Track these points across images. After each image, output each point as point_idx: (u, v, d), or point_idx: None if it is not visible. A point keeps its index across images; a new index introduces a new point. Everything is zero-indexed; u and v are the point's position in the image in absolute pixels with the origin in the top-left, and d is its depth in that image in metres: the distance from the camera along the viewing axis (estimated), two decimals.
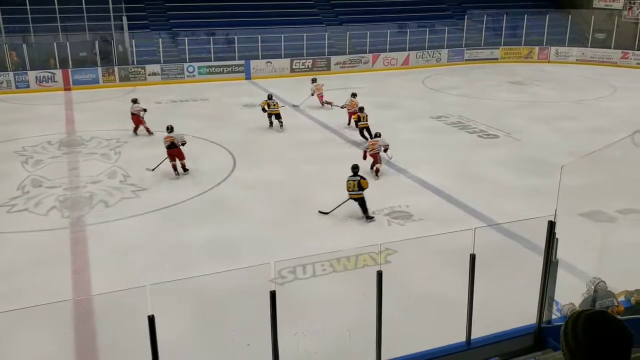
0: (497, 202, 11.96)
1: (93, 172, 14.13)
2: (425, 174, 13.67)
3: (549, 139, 16.72)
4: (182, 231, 10.77)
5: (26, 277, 9.08)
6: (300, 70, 28.61)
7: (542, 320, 5.97)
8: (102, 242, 10.48)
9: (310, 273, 9.06)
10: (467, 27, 32.91)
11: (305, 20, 31.27)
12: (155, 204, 12.02)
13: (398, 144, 16.11)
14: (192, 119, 19.47)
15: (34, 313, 7.26)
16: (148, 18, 29.58)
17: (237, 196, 12.51)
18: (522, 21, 32.01)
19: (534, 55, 31.99)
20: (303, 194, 12.58)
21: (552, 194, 5.90)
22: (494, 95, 23.20)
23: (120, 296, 7.09)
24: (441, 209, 11.76)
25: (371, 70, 29.44)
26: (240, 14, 30.16)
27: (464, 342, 5.80)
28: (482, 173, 13.86)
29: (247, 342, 7.20)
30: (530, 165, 14.31)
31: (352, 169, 11.64)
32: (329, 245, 9.76)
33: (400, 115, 19.76)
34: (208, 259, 9.54)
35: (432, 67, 30.74)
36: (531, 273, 6.16)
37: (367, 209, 11.32)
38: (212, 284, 8.46)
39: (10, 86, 24.35)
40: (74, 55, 26.10)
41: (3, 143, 16.72)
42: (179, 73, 26.77)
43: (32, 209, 11.93)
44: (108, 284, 8.68)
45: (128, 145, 16.31)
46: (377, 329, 5.32)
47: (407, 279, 8.66)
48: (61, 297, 8.40)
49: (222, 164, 14.66)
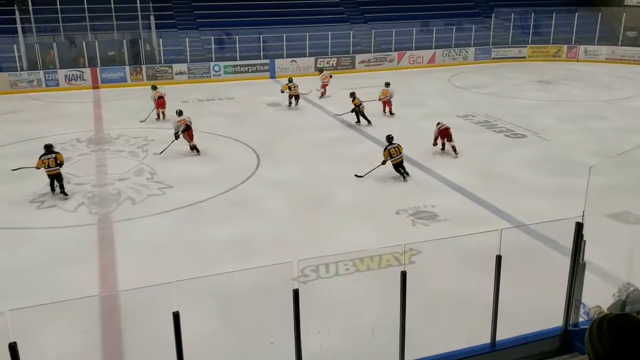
0: (524, 202, 11.81)
1: (120, 169, 14.33)
2: (451, 174, 13.56)
3: (577, 138, 16.45)
4: (206, 229, 10.86)
5: (54, 272, 9.25)
6: (325, 68, 28.59)
7: (569, 323, 5.88)
8: (129, 238, 10.62)
9: (333, 272, 9.06)
10: (495, 25, 32.56)
11: (331, 18, 31.27)
12: (180, 202, 12.14)
13: (423, 143, 16.02)
14: (217, 118, 19.64)
15: (62, 308, 7.40)
16: (175, 17, 29.90)
17: (261, 194, 12.57)
18: (550, 19, 31.55)
19: (563, 54, 31.50)
20: (326, 192, 12.58)
21: (579, 194, 5.81)
22: (521, 94, 22.91)
23: (146, 292, 7.19)
24: (467, 209, 11.65)
25: (396, 69, 29.30)
26: (265, 13, 30.29)
27: (488, 343, 5.74)
28: (508, 173, 13.69)
29: (270, 340, 7.23)
30: (557, 166, 14.10)
31: (390, 139, 13.51)
32: (352, 244, 9.74)
33: (425, 114, 19.62)
34: (231, 257, 9.60)
35: (458, 65, 30.49)
36: (557, 275, 6.08)
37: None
38: (235, 282, 8.52)
39: (40, 84, 24.84)
40: (102, 54, 26.52)
41: (33, 140, 17.03)
42: (205, 72, 27.00)
43: (61, 205, 12.14)
44: (134, 280, 8.80)
45: (155, 143, 16.49)
46: (400, 329, 5.29)
47: (431, 279, 8.61)
48: (88, 292, 8.55)
49: (247, 162, 14.74)
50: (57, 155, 12.46)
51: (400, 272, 5.13)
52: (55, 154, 12.47)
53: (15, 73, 24.69)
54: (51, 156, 12.39)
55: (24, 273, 9.21)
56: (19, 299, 8.12)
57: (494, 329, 5.68)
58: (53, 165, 12.34)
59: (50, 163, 12.33)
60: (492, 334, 5.70)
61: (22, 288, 8.71)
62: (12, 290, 8.67)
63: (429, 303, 7.97)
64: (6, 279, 9.03)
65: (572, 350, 5.70)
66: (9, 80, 24.40)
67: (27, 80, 24.71)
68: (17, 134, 17.78)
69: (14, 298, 8.23)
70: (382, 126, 17.83)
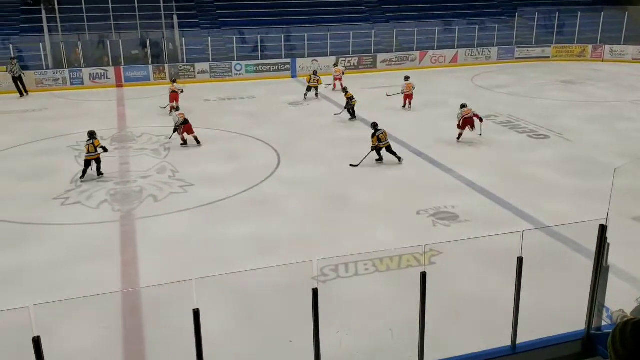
0: (546, 204, 11.68)
1: (143, 167, 14.49)
2: (472, 174, 13.46)
3: (601, 140, 16.21)
4: (226, 227, 10.93)
5: (77, 268, 9.38)
6: (346, 68, 28.59)
7: (592, 327, 5.80)
8: (151, 235, 10.73)
9: (352, 272, 9.05)
10: (518, 24, 32.25)
11: (353, 18, 31.24)
12: (202, 200, 12.23)
13: (444, 142, 15.96)
14: (238, 117, 19.75)
15: (84, 304, 7.51)
16: (198, 17, 30.14)
17: (280, 193, 12.60)
18: (575, 19, 31.14)
19: (587, 54, 31.07)
20: (346, 192, 12.58)
21: (603, 196, 5.73)
22: (544, 95, 22.65)
23: (167, 289, 7.26)
24: (488, 210, 11.55)
25: (418, 68, 29.17)
26: (287, 12, 30.37)
27: (509, 346, 5.68)
28: (531, 174, 13.54)
29: (289, 338, 7.25)
30: (581, 167, 13.92)
31: (375, 125, 14.42)
32: (371, 244, 9.73)
33: (447, 114, 19.48)
34: (251, 255, 9.65)
35: (481, 65, 30.25)
36: (580, 277, 5.99)
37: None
38: (255, 280, 8.56)
39: (65, 83, 25.22)
40: (126, 53, 26.83)
41: (58, 138, 17.32)
42: (227, 71, 27.17)
43: (84, 202, 12.31)
44: (155, 277, 8.90)
45: (177, 142, 16.65)
46: (420, 330, 5.26)
47: (451, 280, 8.55)
48: (110, 288, 8.66)
49: (267, 161, 14.79)
50: (94, 142, 13.72)
51: (420, 273, 5.10)
52: (93, 140, 13.72)
53: (41, 71, 25.10)
54: (91, 142, 13.70)
55: (47, 269, 9.36)
56: (42, 294, 8.27)
57: (514, 331, 5.62)
58: (92, 151, 13.64)
59: (90, 148, 13.63)
60: (512, 337, 5.64)
61: (45, 283, 8.85)
62: (36, 285, 8.82)
63: (449, 304, 7.92)
64: (30, 275, 9.19)
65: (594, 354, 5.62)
66: (35, 79, 24.82)
67: (52, 79, 25.10)
68: (43, 131, 18.08)
69: (38, 293, 8.37)
70: (403, 125, 17.79)
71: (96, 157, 13.71)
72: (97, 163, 13.78)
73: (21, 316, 3.54)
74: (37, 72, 24.96)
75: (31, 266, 9.46)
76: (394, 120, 18.59)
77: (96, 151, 13.69)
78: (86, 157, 13.65)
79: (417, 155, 15.13)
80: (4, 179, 13.84)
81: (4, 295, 8.47)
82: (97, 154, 13.70)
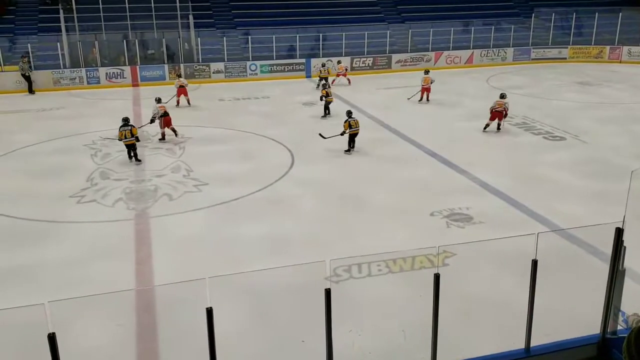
0: (561, 206, 11.58)
1: (158, 166, 14.58)
2: (486, 176, 13.38)
3: (618, 142, 16.04)
4: (240, 226, 10.96)
5: (92, 265, 9.46)
6: (361, 68, 28.57)
7: (607, 331, 5.74)
8: (165, 234, 10.79)
9: (365, 272, 9.04)
10: (535, 25, 32.00)
11: (368, 18, 31.20)
12: (216, 199, 12.28)
13: (459, 143, 15.88)
14: (253, 117, 19.80)
15: (98, 301, 7.57)
16: (214, 17, 30.26)
17: (294, 193, 12.62)
18: (592, 19, 30.82)
19: (605, 55, 30.74)
20: (359, 192, 12.56)
21: (620, 199, 5.67)
22: (561, 96, 22.46)
23: (180, 287, 7.30)
24: (502, 212, 11.48)
25: (433, 69, 28.97)
26: (302, 12, 30.40)
27: (522, 349, 5.64)
28: (546, 176, 13.44)
29: (302, 338, 7.26)
30: (597, 169, 13.78)
31: (349, 113, 15.38)
32: (384, 245, 9.70)
33: (462, 115, 19.43)
34: (264, 255, 9.67)
35: (497, 65, 30.07)
36: (595, 280, 5.94)
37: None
38: (267, 279, 8.58)
39: (82, 82, 25.47)
40: (142, 52, 27.04)
41: (75, 136, 17.49)
42: (242, 71, 27.25)
43: (99, 200, 12.42)
44: (169, 275, 8.96)
45: (192, 141, 16.74)
46: (432, 331, 5.24)
47: (465, 282, 8.51)
48: (124, 286, 8.72)
49: (281, 161, 14.82)
50: (132, 129, 14.49)
51: (434, 274, 5.08)
52: (130, 127, 14.49)
53: (58, 70, 25.36)
54: (127, 128, 14.44)
55: (62, 266, 9.44)
56: (57, 291, 8.35)
57: (528, 334, 5.58)
58: (129, 137, 14.43)
59: (127, 134, 14.42)
60: (526, 340, 5.60)
61: (60, 281, 8.94)
62: (51, 282, 8.91)
63: (462, 306, 7.88)
64: (45, 272, 9.29)
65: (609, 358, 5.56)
66: (52, 78, 25.08)
67: (69, 78, 25.35)
68: (59, 130, 18.26)
69: (53, 290, 8.46)
70: (418, 125, 17.74)
71: (131, 142, 14.50)
72: (133, 150, 14.61)
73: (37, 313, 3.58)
74: (54, 71, 25.22)
75: (47, 263, 9.56)
76: (409, 120, 18.55)
77: (132, 137, 14.44)
78: (124, 142, 14.49)
79: (431, 155, 15.08)
80: (21, 176, 14.00)
81: (20, 291, 8.58)
82: (132, 139, 14.46)
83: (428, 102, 21.16)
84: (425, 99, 21.31)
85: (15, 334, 6.81)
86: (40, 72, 24.97)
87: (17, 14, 28.43)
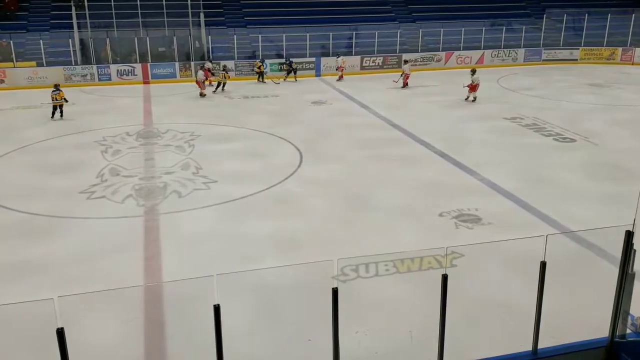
0: (571, 208, 11.51)
1: (168, 163, 14.64)
2: (496, 177, 13.32)
3: (629, 144, 15.93)
4: (248, 224, 10.97)
5: (101, 261, 9.51)
6: (371, 67, 28.55)
7: (616, 334, 5.70)
8: (174, 231, 10.83)
9: (373, 272, 9.03)
10: (546, 26, 31.82)
11: (378, 17, 31.16)
12: (224, 196, 12.31)
13: (469, 144, 15.82)
14: (262, 115, 19.83)
15: (107, 296, 7.61)
16: (224, 15, 30.33)
17: (302, 192, 12.62)
18: (604, 21, 30.60)
19: (617, 57, 30.53)
20: (368, 192, 12.54)
21: (630, 201, 5.63)
22: (572, 98, 22.33)
23: (188, 284, 7.32)
24: (511, 214, 11.43)
25: (443, 69, 28.99)
26: (313, 11, 30.42)
27: (530, 351, 5.62)
28: (556, 178, 13.36)
29: (308, 337, 7.26)
30: (607, 171, 13.69)
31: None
32: (392, 245, 9.69)
33: (472, 115, 19.37)
34: (272, 253, 9.68)
35: (507, 66, 29.96)
36: (604, 284, 5.90)
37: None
38: (275, 278, 8.59)
39: (93, 79, 25.62)
40: (153, 50, 27.14)
41: (85, 133, 17.60)
42: (252, 69, 27.27)
43: (109, 196, 12.48)
44: (177, 272, 8.99)
45: (201, 139, 16.79)
46: (440, 333, 5.23)
47: (473, 283, 8.48)
48: (133, 282, 8.76)
49: (290, 160, 14.83)
50: (60, 93, 19.25)
51: (442, 275, 5.07)
52: (60, 91, 19.27)
53: (70, 67, 25.53)
54: (57, 92, 19.17)
55: (71, 261, 9.50)
56: (66, 286, 8.40)
57: (536, 336, 5.56)
58: (59, 99, 19.13)
59: (57, 97, 19.09)
60: (534, 342, 5.58)
61: (69, 276, 8.98)
62: (60, 277, 8.96)
63: (469, 307, 7.86)
64: (54, 267, 9.34)
65: None
66: (64, 74, 25.24)
67: (80, 75, 25.52)
68: (70, 126, 18.39)
69: (62, 285, 8.51)
70: (427, 126, 17.70)
71: (60, 104, 19.18)
72: (60, 109, 19.24)
73: (46, 307, 3.61)
74: (65, 68, 25.38)
75: (56, 259, 9.61)
76: (418, 120, 18.50)
77: (62, 99, 19.09)
78: (53, 103, 19.17)
79: (440, 156, 15.04)
80: (31, 172, 14.09)
81: (29, 286, 8.64)
82: (61, 102, 19.08)
83: (474, 102, 21.45)
84: (472, 99, 21.58)
85: (24, 329, 6.85)
86: (51, 69, 25.12)
87: (30, 11, 28.65)
